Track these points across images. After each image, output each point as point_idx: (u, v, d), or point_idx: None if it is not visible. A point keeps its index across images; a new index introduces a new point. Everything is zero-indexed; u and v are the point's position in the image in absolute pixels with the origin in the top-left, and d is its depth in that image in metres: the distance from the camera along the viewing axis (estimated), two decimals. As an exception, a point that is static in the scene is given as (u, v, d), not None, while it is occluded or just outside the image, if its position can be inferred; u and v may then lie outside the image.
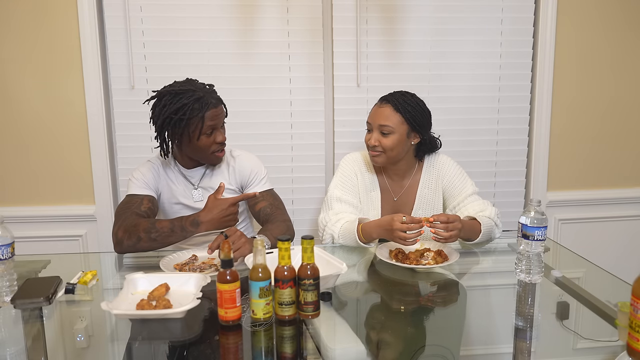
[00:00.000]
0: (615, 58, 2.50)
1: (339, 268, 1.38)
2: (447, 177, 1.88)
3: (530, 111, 2.52)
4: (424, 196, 1.89)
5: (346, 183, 1.87)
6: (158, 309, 1.21)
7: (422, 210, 1.89)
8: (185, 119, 1.67)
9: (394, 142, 1.77)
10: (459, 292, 1.49)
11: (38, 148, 2.32)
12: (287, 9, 2.33)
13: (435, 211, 1.90)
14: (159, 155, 1.85)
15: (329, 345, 1.18)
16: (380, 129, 1.77)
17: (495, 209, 1.80)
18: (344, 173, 1.89)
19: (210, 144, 1.74)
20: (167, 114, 1.68)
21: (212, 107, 1.70)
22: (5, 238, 1.31)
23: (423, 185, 1.89)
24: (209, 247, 1.53)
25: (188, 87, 1.70)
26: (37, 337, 1.23)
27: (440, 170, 1.89)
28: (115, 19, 2.27)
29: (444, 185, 1.89)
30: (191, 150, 1.77)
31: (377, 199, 1.89)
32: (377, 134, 1.79)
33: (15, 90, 2.27)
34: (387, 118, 1.77)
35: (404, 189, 1.90)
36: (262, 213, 1.81)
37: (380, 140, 1.78)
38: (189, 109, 1.67)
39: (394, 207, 1.90)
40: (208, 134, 1.72)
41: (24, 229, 2.29)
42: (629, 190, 2.62)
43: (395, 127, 1.77)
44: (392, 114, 1.77)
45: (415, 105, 1.80)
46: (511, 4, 2.42)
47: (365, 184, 1.89)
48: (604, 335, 1.23)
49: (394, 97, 1.81)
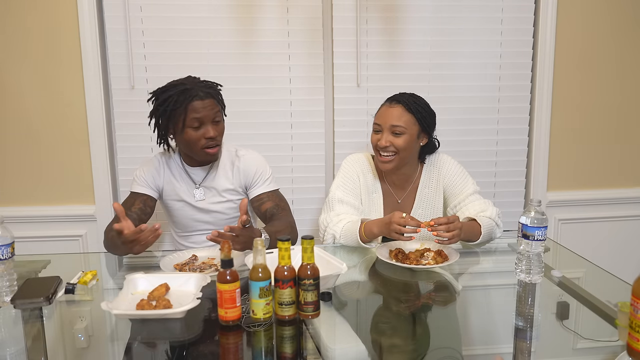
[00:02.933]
0: (615, 58, 2.50)
1: (339, 268, 1.38)
2: (448, 176, 1.87)
3: (530, 111, 2.52)
4: (424, 195, 1.88)
5: (348, 184, 1.86)
6: (158, 309, 1.21)
7: (422, 210, 1.88)
8: (169, 110, 1.67)
9: (406, 142, 1.75)
10: (459, 292, 1.49)
11: (38, 148, 2.32)
12: (287, 9, 2.33)
13: (435, 210, 1.89)
14: (165, 151, 1.85)
15: (329, 345, 1.18)
16: (392, 129, 1.74)
17: (496, 209, 1.79)
18: (346, 174, 1.87)
19: (198, 139, 1.70)
20: (155, 106, 1.70)
21: (198, 99, 1.67)
22: (5, 238, 1.31)
23: (423, 185, 1.88)
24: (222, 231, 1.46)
25: (181, 81, 1.71)
26: (37, 337, 1.23)
27: (441, 169, 1.88)
28: (115, 19, 2.27)
29: (445, 184, 1.88)
30: (183, 145, 1.76)
31: (379, 201, 1.88)
32: (388, 134, 1.75)
33: (15, 90, 2.27)
34: (399, 118, 1.74)
35: (407, 191, 1.89)
36: (267, 214, 1.80)
37: (392, 140, 1.74)
38: (173, 100, 1.67)
39: (397, 208, 1.89)
40: (195, 127, 1.69)
41: (24, 229, 2.29)
42: (629, 190, 2.62)
43: (408, 127, 1.75)
44: (404, 114, 1.75)
45: (425, 106, 1.80)
46: (511, 4, 2.42)
47: (367, 186, 1.88)
48: (604, 335, 1.23)
49: (403, 97, 1.79)
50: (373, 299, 1.46)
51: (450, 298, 1.46)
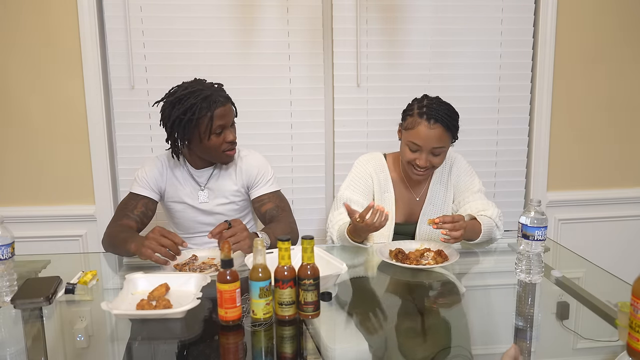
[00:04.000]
0: (615, 57, 2.50)
1: (339, 268, 1.38)
2: (456, 173, 1.89)
3: (530, 111, 2.52)
4: (435, 191, 1.89)
5: (358, 184, 1.85)
6: (158, 309, 1.21)
7: (432, 206, 1.88)
8: (195, 119, 1.66)
9: (443, 158, 1.78)
10: (459, 292, 1.49)
11: (38, 148, 2.32)
12: (287, 9, 2.33)
13: (445, 207, 1.89)
14: (167, 152, 1.85)
15: (329, 345, 1.18)
16: (433, 151, 1.73)
17: (498, 210, 1.79)
18: (357, 174, 1.87)
19: (220, 143, 1.72)
20: (176, 116, 1.67)
21: (220, 105, 1.68)
22: (5, 238, 1.31)
23: (435, 181, 1.89)
24: (209, 232, 1.51)
25: (196, 86, 1.69)
26: (37, 337, 1.23)
27: (452, 167, 1.90)
28: (115, 19, 2.27)
29: (454, 181, 1.89)
30: (202, 151, 1.76)
31: (391, 200, 1.88)
32: (427, 154, 1.73)
33: (15, 90, 2.27)
34: (440, 140, 1.72)
35: (421, 190, 1.90)
36: (267, 215, 1.81)
37: (432, 160, 1.74)
38: (197, 108, 1.65)
39: (409, 207, 1.89)
40: (217, 133, 1.70)
41: (24, 229, 2.29)
42: (629, 190, 2.62)
43: (446, 145, 1.76)
44: (444, 135, 1.72)
45: (456, 117, 1.76)
46: (511, 4, 2.42)
47: (380, 185, 1.87)
48: (604, 335, 1.23)
49: (439, 113, 1.71)
50: (373, 299, 1.46)
51: (450, 298, 1.46)
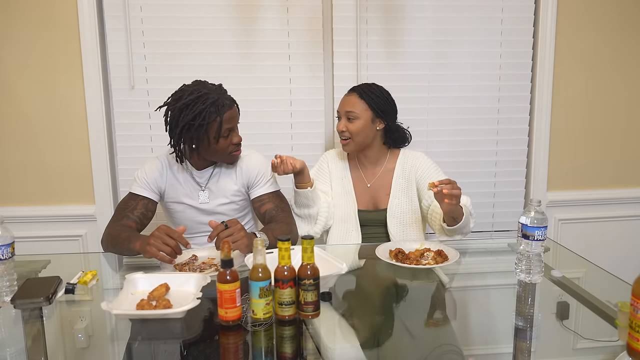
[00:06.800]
0: (615, 58, 2.50)
1: (339, 268, 1.38)
2: (421, 169, 1.97)
3: (530, 111, 2.52)
4: (398, 185, 1.98)
5: (318, 172, 2.07)
6: (158, 309, 1.21)
7: (398, 199, 1.97)
8: (205, 124, 1.66)
9: (359, 127, 1.92)
10: (459, 292, 1.49)
11: (38, 148, 2.32)
12: (287, 9, 2.33)
13: (411, 201, 1.97)
14: (168, 153, 1.84)
15: (329, 345, 1.18)
16: (347, 115, 1.93)
17: (468, 198, 1.85)
18: (318, 164, 2.10)
19: (228, 145, 1.74)
20: (185, 122, 1.66)
21: (228, 108, 1.70)
22: (5, 238, 1.31)
23: (398, 175, 1.99)
24: (208, 237, 1.52)
25: (202, 90, 1.68)
26: (37, 337, 1.22)
27: (415, 162, 1.99)
28: (115, 19, 2.27)
29: (418, 176, 1.97)
30: (209, 153, 1.76)
31: (349, 185, 2.02)
32: (344, 120, 1.94)
33: (16, 90, 2.27)
34: (352, 105, 1.92)
35: (376, 176, 2.01)
36: (267, 215, 1.81)
37: (347, 126, 1.92)
38: (207, 113, 1.65)
39: (368, 192, 2.01)
40: (225, 136, 1.72)
41: (24, 229, 2.29)
42: (629, 190, 2.62)
43: (360, 112, 1.91)
44: (357, 101, 1.92)
45: (379, 93, 1.94)
46: (511, 4, 2.42)
47: (337, 172, 2.05)
48: (604, 335, 1.23)
49: (359, 86, 1.97)
50: (373, 299, 1.46)
51: (451, 298, 1.46)
